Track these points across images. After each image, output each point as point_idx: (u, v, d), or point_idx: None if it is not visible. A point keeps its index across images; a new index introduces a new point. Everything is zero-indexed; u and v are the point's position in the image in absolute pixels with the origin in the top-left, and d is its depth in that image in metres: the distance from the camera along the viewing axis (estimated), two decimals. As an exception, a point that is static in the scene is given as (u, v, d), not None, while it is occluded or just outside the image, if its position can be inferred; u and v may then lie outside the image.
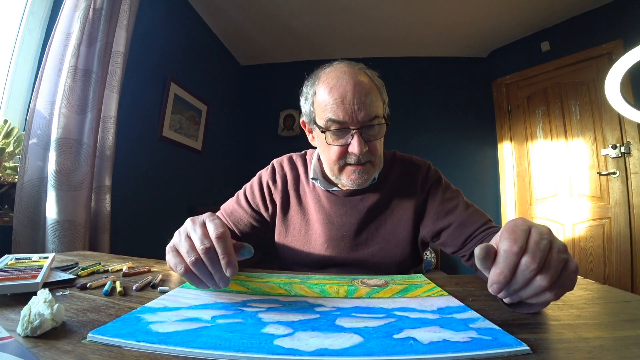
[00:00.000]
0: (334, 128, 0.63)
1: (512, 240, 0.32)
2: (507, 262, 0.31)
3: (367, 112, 0.62)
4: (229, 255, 0.38)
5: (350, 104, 0.61)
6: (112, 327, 0.33)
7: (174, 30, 2.15)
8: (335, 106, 0.62)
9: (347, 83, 0.62)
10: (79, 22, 1.22)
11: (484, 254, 0.32)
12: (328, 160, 0.68)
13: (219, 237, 0.39)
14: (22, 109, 1.31)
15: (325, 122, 0.64)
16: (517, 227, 0.33)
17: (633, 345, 0.30)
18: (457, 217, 0.69)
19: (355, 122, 0.62)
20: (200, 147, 2.50)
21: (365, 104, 0.62)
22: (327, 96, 0.63)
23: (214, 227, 0.40)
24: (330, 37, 2.75)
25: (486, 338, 0.31)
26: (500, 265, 0.32)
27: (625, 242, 2.03)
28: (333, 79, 0.64)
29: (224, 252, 0.38)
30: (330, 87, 0.63)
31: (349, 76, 0.63)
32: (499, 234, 0.34)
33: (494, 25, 2.49)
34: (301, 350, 0.29)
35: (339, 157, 0.65)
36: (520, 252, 0.31)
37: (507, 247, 0.32)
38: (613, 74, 1.04)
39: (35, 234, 1.14)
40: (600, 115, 2.19)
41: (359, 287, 0.51)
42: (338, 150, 0.65)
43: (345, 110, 0.61)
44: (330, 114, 0.62)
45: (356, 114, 0.61)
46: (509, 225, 0.34)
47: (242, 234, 0.79)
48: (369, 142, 0.64)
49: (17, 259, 0.54)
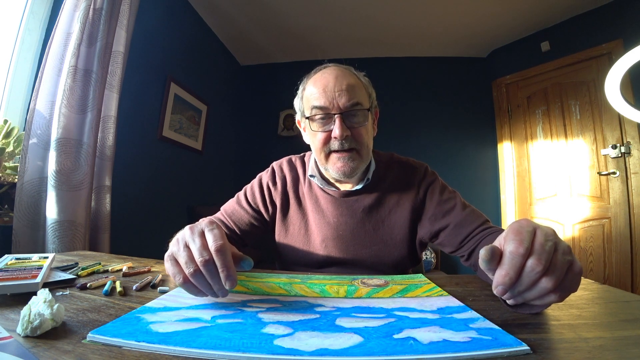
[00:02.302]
0: (317, 115, 0.68)
1: (518, 241, 0.32)
2: (512, 263, 0.31)
3: (347, 98, 0.66)
4: (228, 268, 0.38)
5: (331, 91, 0.67)
6: (112, 327, 0.33)
7: (174, 30, 2.15)
8: (318, 94, 0.67)
9: (329, 75, 0.69)
10: (79, 22, 1.22)
11: (489, 256, 0.32)
12: (315, 150, 0.72)
13: (218, 249, 0.38)
14: (22, 109, 1.31)
15: (311, 111, 0.69)
16: (523, 229, 0.33)
17: (633, 345, 0.30)
18: (455, 217, 0.70)
19: (336, 108, 0.66)
20: (200, 147, 2.50)
21: (345, 91, 0.66)
22: (312, 88, 0.69)
23: (214, 239, 0.39)
24: (330, 37, 2.75)
25: (486, 338, 0.31)
26: (506, 267, 0.31)
27: (625, 242, 2.03)
28: (319, 75, 0.71)
29: (223, 266, 0.37)
30: (315, 80, 0.70)
31: (333, 70, 0.70)
32: (504, 235, 0.34)
33: (494, 25, 2.49)
34: (301, 350, 0.29)
35: (323, 143, 0.69)
36: (527, 254, 0.31)
37: (513, 249, 0.31)
38: (613, 74, 1.04)
39: (35, 234, 1.14)
40: (600, 115, 2.18)
41: (359, 287, 0.51)
42: (322, 136, 0.68)
43: (327, 97, 0.67)
44: (314, 102, 0.68)
45: (337, 100, 0.66)
46: (514, 227, 0.34)
47: (242, 233, 0.80)
48: (352, 129, 0.67)
49: (17, 259, 0.54)
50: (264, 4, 2.32)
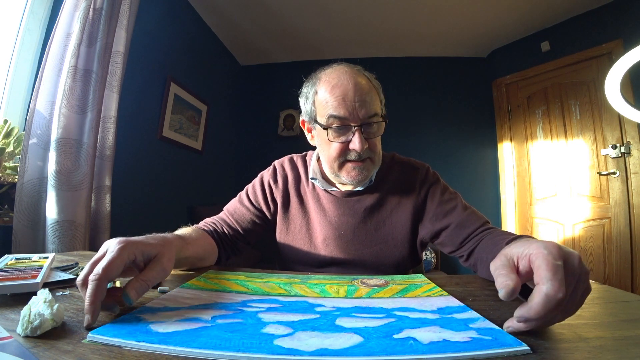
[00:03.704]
0: (335, 125, 0.65)
1: (557, 284, 0.29)
2: (547, 306, 0.30)
3: (367, 110, 0.64)
4: (90, 304, 0.34)
5: (351, 101, 0.64)
6: (112, 327, 0.32)
7: (174, 30, 2.15)
8: (336, 103, 0.64)
9: (348, 82, 0.64)
10: (79, 22, 1.22)
11: (511, 294, 0.30)
12: (328, 158, 0.70)
13: (93, 279, 0.35)
14: (22, 109, 1.31)
15: (327, 119, 0.66)
16: (559, 267, 0.30)
17: (633, 345, 0.30)
18: (456, 217, 0.70)
19: (356, 119, 0.64)
20: (200, 147, 2.50)
21: (365, 102, 0.64)
22: (328, 94, 0.65)
23: (100, 266, 0.36)
24: (330, 37, 2.75)
25: (486, 338, 0.31)
26: (538, 309, 0.30)
27: (625, 242, 2.03)
28: (334, 79, 0.66)
29: (88, 297, 0.34)
30: (332, 85, 0.65)
31: (350, 76, 0.66)
32: (535, 264, 0.32)
33: (494, 25, 2.49)
34: (301, 350, 0.29)
35: (339, 154, 0.67)
36: (564, 299, 0.30)
37: (552, 293, 0.29)
38: (613, 74, 1.04)
39: (35, 234, 1.14)
40: (600, 115, 2.18)
41: (359, 287, 0.51)
42: (339, 147, 0.66)
43: (347, 108, 0.64)
44: (332, 111, 0.65)
45: (357, 111, 0.64)
46: (548, 260, 0.31)
47: (245, 231, 0.80)
48: (369, 140, 0.66)
49: (17, 259, 0.54)
50: (264, 4, 2.32)
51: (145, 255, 0.43)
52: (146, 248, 0.43)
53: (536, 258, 0.32)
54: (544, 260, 0.31)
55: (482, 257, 0.60)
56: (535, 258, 0.32)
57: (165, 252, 0.45)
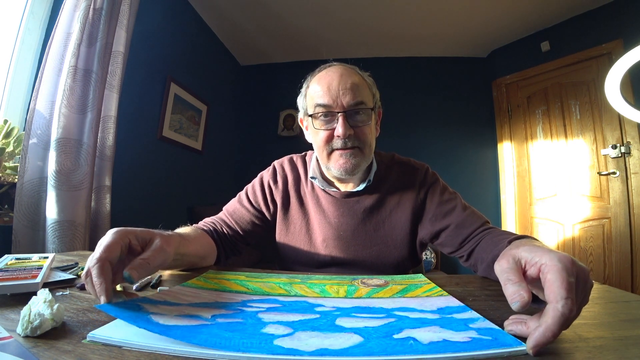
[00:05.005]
0: (320, 113, 0.68)
1: (572, 303, 0.29)
2: (563, 326, 0.29)
3: (351, 97, 0.66)
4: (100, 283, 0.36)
5: (335, 90, 0.67)
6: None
7: (174, 30, 2.15)
8: (321, 92, 0.68)
9: (334, 73, 0.69)
10: (79, 22, 1.22)
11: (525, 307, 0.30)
12: (317, 148, 0.72)
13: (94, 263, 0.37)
14: (22, 109, 1.31)
15: (314, 109, 0.69)
16: (572, 284, 0.30)
17: (633, 345, 0.30)
18: (456, 218, 0.70)
19: (339, 106, 0.67)
20: (200, 147, 2.50)
21: (349, 90, 0.67)
22: (316, 86, 0.70)
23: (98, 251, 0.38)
24: (330, 37, 2.75)
25: (486, 338, 0.31)
26: (555, 330, 0.28)
27: (625, 242, 2.03)
28: (324, 74, 0.71)
29: (97, 278, 0.37)
30: (319, 79, 0.70)
31: (337, 69, 0.70)
32: (547, 277, 0.31)
33: (494, 25, 2.49)
34: (301, 350, 0.29)
35: (326, 141, 0.69)
36: (575, 317, 0.29)
37: (568, 312, 0.29)
38: (613, 74, 1.04)
39: (35, 234, 1.14)
40: (600, 115, 2.18)
41: (359, 287, 0.51)
42: (325, 134, 0.69)
43: (331, 95, 0.67)
44: (317, 100, 0.68)
45: (340, 98, 0.67)
46: (563, 277, 0.30)
47: (245, 232, 0.79)
48: (356, 128, 0.68)
49: (17, 259, 0.54)
50: (264, 4, 2.32)
51: (140, 239, 0.44)
52: (141, 233, 0.45)
53: (549, 271, 0.31)
54: (558, 275, 0.30)
55: (482, 257, 0.60)
56: (548, 271, 0.31)
57: (163, 238, 0.46)
